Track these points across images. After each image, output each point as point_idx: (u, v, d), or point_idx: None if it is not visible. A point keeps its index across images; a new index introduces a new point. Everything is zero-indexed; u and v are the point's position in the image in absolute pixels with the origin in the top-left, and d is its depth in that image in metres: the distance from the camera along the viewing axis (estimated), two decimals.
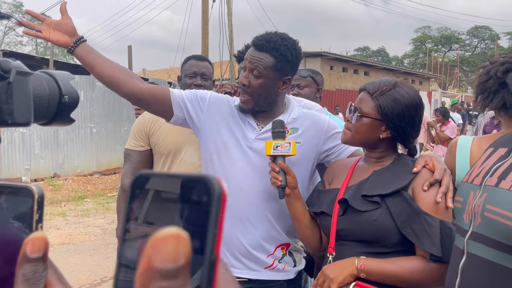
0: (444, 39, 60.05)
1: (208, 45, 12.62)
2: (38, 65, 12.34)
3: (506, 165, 1.00)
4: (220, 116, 1.69)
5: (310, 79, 2.67)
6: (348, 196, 1.39)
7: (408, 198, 1.32)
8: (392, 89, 1.41)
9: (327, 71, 23.93)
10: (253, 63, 1.58)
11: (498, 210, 0.93)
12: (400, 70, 31.30)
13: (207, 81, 2.34)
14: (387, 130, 1.42)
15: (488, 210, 0.97)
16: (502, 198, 0.94)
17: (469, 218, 1.04)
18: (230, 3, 14.29)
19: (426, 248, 1.27)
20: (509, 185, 0.94)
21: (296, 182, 1.51)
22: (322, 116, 1.77)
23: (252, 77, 1.59)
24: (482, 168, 1.09)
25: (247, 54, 1.61)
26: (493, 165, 1.04)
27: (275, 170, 1.49)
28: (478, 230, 1.00)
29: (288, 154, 1.50)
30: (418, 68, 47.80)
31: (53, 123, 0.71)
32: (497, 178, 0.99)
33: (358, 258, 1.34)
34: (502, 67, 1.64)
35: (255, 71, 1.58)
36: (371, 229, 1.33)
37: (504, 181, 0.96)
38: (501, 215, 0.92)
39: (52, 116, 0.69)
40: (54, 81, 0.70)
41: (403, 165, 1.41)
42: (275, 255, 1.67)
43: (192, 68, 2.34)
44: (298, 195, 1.53)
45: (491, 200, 0.97)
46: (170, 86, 12.78)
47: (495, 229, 0.94)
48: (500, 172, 1.00)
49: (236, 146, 1.65)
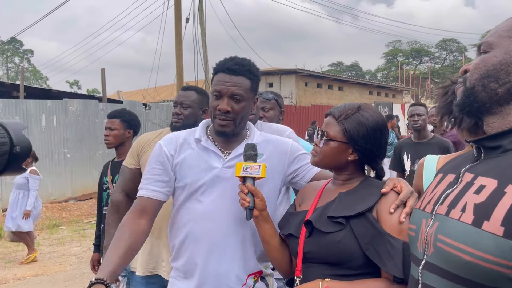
0: (415, 52, 61.81)
1: (183, 66, 12.65)
2: (8, 91, 12.10)
3: (455, 193, 0.99)
4: (179, 160, 1.67)
5: (274, 102, 2.75)
6: (313, 218, 1.40)
7: (372, 220, 1.33)
8: (356, 113, 1.44)
9: (302, 87, 24.24)
10: (232, 89, 1.61)
11: (450, 240, 0.92)
12: (374, 84, 31.96)
13: (187, 110, 2.46)
14: (354, 153, 1.44)
15: (440, 240, 0.95)
16: (452, 228, 0.93)
17: (422, 247, 1.02)
18: (203, 23, 14.40)
19: (388, 270, 1.28)
20: (458, 214, 0.93)
21: (264, 204, 1.52)
22: (285, 139, 1.79)
23: (233, 103, 1.62)
24: (432, 194, 1.07)
25: (221, 81, 1.62)
26: (443, 192, 1.03)
27: (244, 192, 1.51)
28: (432, 260, 0.98)
29: (257, 175, 1.51)
30: (391, 81, 48.91)
31: (4, 173, 0.70)
32: (447, 206, 0.98)
33: (322, 281, 1.34)
34: None
35: (236, 96, 1.62)
36: (336, 251, 1.34)
37: (453, 210, 0.95)
38: (453, 246, 0.91)
39: (3, 167, 0.68)
40: (5, 132, 0.69)
41: (369, 187, 1.43)
42: (248, 283, 1.65)
43: (176, 98, 2.54)
44: (267, 217, 1.54)
45: (442, 230, 0.95)
46: (145, 108, 12.66)
47: (447, 260, 0.93)
48: (449, 200, 0.98)
49: (202, 180, 1.63)
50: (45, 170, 9.64)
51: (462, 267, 0.89)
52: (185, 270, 1.67)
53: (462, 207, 0.93)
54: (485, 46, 1.01)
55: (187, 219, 1.65)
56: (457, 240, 0.90)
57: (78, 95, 14.70)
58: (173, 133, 1.76)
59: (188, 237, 1.65)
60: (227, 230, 1.62)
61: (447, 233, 0.93)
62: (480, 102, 1.00)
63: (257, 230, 1.56)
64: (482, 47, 1.02)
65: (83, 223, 8.95)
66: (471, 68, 1.03)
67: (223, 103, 1.61)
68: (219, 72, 1.65)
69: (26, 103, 9.55)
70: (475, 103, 1.00)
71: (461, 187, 0.99)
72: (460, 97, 1.05)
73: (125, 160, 2.61)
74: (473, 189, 0.95)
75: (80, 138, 10.45)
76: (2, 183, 8.83)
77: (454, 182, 1.03)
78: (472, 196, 0.93)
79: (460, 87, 1.06)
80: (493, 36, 1.01)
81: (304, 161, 1.71)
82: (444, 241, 0.93)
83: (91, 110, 10.71)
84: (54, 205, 9.60)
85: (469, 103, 1.02)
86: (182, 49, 12.65)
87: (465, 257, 0.88)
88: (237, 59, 1.67)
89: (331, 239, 1.34)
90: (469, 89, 1.02)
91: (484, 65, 0.99)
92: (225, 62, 1.65)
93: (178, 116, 2.47)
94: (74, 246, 7.27)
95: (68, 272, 5.95)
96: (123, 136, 3.30)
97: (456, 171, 1.05)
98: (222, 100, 1.62)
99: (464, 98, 1.03)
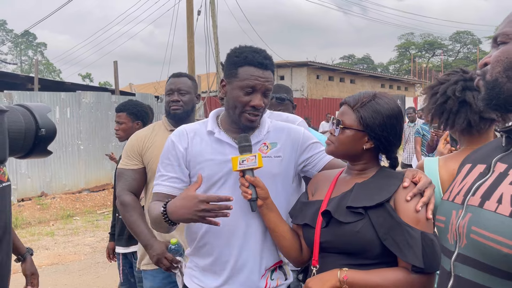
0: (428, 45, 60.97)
1: (194, 58, 12.65)
2: (23, 83, 12.24)
3: (488, 183, 0.97)
4: (193, 154, 1.65)
5: (288, 102, 2.70)
6: (331, 208, 1.41)
7: (390, 210, 1.34)
8: (372, 101, 1.44)
9: (313, 80, 24.10)
10: (266, 85, 1.58)
11: (485, 232, 0.91)
12: (386, 77, 31.66)
13: (185, 96, 2.44)
14: (370, 140, 1.44)
15: (474, 232, 0.93)
16: (488, 220, 0.91)
17: (453, 239, 1.01)
18: (214, 15, 14.37)
19: (408, 260, 1.28)
20: (494, 206, 0.91)
21: (267, 193, 1.53)
22: (296, 127, 1.77)
23: (264, 98, 1.60)
24: (462, 185, 1.06)
25: (255, 77, 1.56)
26: (474, 183, 1.02)
27: (245, 185, 1.51)
28: (465, 252, 0.97)
29: (254, 166, 1.51)
30: (403, 74, 48.39)
31: (30, 156, 0.72)
32: (480, 197, 0.96)
33: (340, 270, 1.35)
34: (457, 86, 1.64)
35: (267, 91, 1.60)
36: (354, 241, 1.35)
37: (488, 202, 0.93)
38: (489, 238, 0.90)
39: (28, 149, 0.70)
40: (31, 115, 0.71)
41: (386, 178, 1.44)
42: (266, 274, 1.66)
43: (169, 86, 2.48)
44: (271, 205, 1.55)
45: (476, 221, 0.94)
46: (157, 100, 12.66)
47: (483, 252, 0.92)
48: (482, 190, 0.97)
49: (220, 173, 1.62)
50: (59, 161, 9.77)
51: (500, 260, 0.88)
52: (210, 265, 1.65)
53: (498, 198, 0.92)
54: (502, 37, 1.00)
55: None
56: (494, 232, 0.89)
57: (91, 87, 14.80)
58: (182, 126, 1.73)
59: (210, 230, 1.62)
60: (247, 222, 1.61)
61: (483, 225, 0.92)
62: (507, 92, 0.98)
63: (263, 219, 1.57)
64: (499, 38, 1.01)
65: (96, 214, 9.07)
66: (491, 61, 1.01)
67: (257, 99, 1.57)
68: (248, 65, 1.57)
69: (41, 95, 9.65)
70: (501, 94, 0.99)
71: (494, 177, 0.98)
72: (484, 91, 1.02)
73: (121, 162, 2.49)
74: (509, 179, 0.94)
75: (93, 130, 10.54)
76: (17, 174, 8.97)
77: (485, 173, 1.02)
78: (508, 187, 0.92)
79: (479, 80, 1.04)
80: (509, 26, 1.00)
81: (316, 150, 1.70)
82: (479, 233, 0.92)
83: (104, 102, 10.79)
84: (68, 195, 9.73)
85: (495, 96, 0.99)
86: (194, 42, 12.65)
87: (503, 249, 0.87)
88: (264, 53, 1.61)
89: (349, 229, 1.35)
90: (492, 81, 1.00)
91: (506, 56, 0.98)
92: (254, 55, 1.57)
93: (178, 103, 2.43)
94: (88, 236, 7.37)
95: (82, 262, 6.05)
96: (132, 128, 3.27)
97: (487, 161, 1.04)
98: (255, 96, 1.57)
99: (488, 91, 1.01)
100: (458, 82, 1.65)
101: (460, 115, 1.64)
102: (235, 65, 1.60)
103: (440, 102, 1.68)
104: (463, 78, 1.66)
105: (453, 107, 1.64)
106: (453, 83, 1.66)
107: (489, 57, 1.03)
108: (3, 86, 10.38)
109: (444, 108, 1.67)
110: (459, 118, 1.64)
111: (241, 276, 1.62)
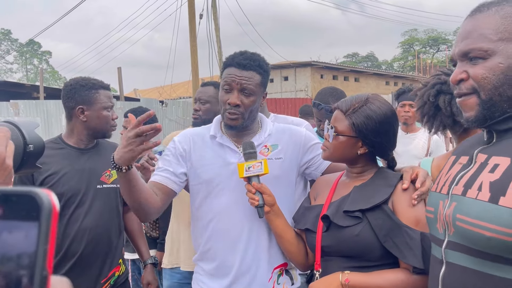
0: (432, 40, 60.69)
1: (198, 62, 12.70)
2: (28, 92, 12.34)
3: (470, 173, 1.02)
4: (195, 157, 1.67)
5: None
6: (330, 213, 1.41)
7: (389, 212, 1.34)
8: (364, 106, 1.43)
9: (317, 80, 24.11)
10: (242, 83, 1.61)
11: (469, 219, 0.95)
12: (390, 74, 31.56)
13: (205, 105, 2.54)
14: (364, 146, 1.44)
15: (459, 219, 0.98)
16: (470, 207, 0.96)
17: (442, 228, 1.06)
18: (217, 18, 14.43)
19: (408, 261, 1.29)
20: (475, 193, 0.96)
21: (273, 199, 1.54)
22: (298, 129, 1.79)
23: (243, 97, 1.62)
24: (447, 176, 1.10)
25: (232, 75, 1.62)
26: (457, 173, 1.06)
27: (251, 191, 1.52)
28: (454, 239, 1.01)
29: (260, 173, 1.52)
30: (408, 71, 48.21)
31: (19, 172, 0.73)
32: (462, 186, 1.01)
33: (342, 273, 1.35)
34: (433, 90, 1.68)
35: (245, 90, 1.62)
36: (354, 244, 1.35)
37: (470, 190, 0.98)
38: (473, 224, 0.94)
39: (17, 166, 0.71)
40: (18, 131, 0.72)
41: (383, 179, 1.43)
42: (272, 277, 1.66)
43: (195, 95, 2.64)
44: (277, 211, 1.56)
45: (460, 209, 0.99)
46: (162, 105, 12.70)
47: (469, 238, 0.96)
48: (464, 180, 1.02)
49: (220, 177, 1.63)
50: None
51: (485, 243, 0.92)
52: (215, 269, 1.66)
53: (478, 186, 0.97)
54: (478, 53, 0.98)
55: (210, 217, 1.64)
56: (476, 218, 0.94)
57: None
58: (187, 130, 1.79)
59: (213, 235, 1.64)
60: (250, 226, 1.62)
61: (466, 212, 0.97)
62: (501, 111, 0.99)
63: (269, 225, 1.58)
64: (471, 54, 0.99)
65: None
66: (476, 78, 0.99)
67: (233, 96, 1.61)
68: (229, 66, 1.64)
69: (46, 103, 9.74)
70: (497, 112, 0.99)
71: (475, 167, 1.02)
72: (476, 111, 1.01)
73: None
74: (488, 168, 0.98)
75: None
76: None
77: (468, 164, 1.06)
78: (487, 175, 0.97)
79: (467, 100, 1.01)
80: (481, 41, 0.98)
81: (318, 151, 1.70)
82: (463, 219, 0.97)
83: None
84: None
85: (490, 116, 1.00)
86: (196, 46, 12.70)
87: (486, 233, 0.91)
88: (247, 54, 1.66)
89: (348, 233, 1.36)
90: (487, 101, 0.99)
91: (493, 74, 0.97)
92: (235, 57, 1.65)
93: (197, 112, 2.54)
94: None
95: None
96: None
97: (469, 153, 1.08)
98: (232, 94, 1.61)
99: (483, 111, 1.00)
100: (435, 86, 1.69)
101: (436, 119, 1.70)
102: (223, 68, 1.70)
103: (419, 106, 1.74)
104: (440, 81, 1.69)
105: (429, 111, 1.70)
106: (430, 87, 1.71)
107: (461, 73, 1.01)
108: (9, 96, 10.48)
109: (423, 112, 1.73)
110: (436, 121, 1.71)
111: (246, 280, 1.63)
